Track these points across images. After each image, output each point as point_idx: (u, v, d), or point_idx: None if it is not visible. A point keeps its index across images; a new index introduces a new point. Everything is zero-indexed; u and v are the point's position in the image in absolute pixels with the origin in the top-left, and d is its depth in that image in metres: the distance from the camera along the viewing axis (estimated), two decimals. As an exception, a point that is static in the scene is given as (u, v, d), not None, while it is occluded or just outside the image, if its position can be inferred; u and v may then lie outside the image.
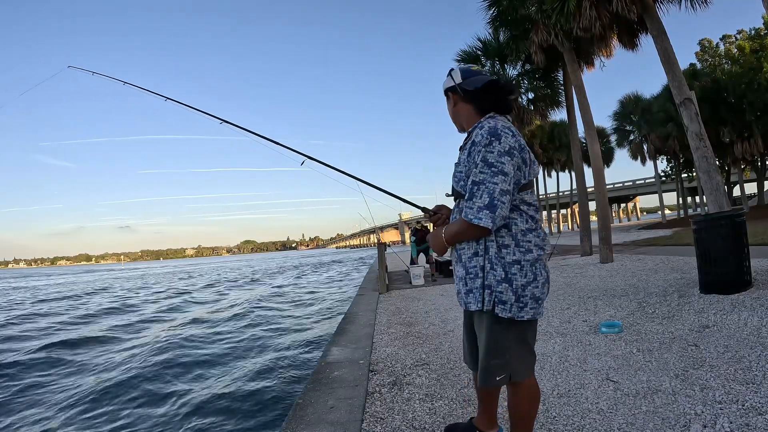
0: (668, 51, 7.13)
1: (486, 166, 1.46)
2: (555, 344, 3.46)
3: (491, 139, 1.48)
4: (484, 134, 1.50)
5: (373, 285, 9.20)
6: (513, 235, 1.53)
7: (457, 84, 1.67)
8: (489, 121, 1.58)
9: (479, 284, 1.55)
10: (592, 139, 9.95)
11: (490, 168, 1.45)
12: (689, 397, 2.21)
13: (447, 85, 1.72)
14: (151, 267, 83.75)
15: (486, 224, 1.45)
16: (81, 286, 27.27)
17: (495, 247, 1.53)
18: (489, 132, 1.50)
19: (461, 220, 1.53)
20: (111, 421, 4.15)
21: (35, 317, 12.10)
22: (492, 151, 1.46)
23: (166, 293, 17.71)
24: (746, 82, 23.70)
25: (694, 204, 44.87)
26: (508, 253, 1.52)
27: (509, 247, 1.52)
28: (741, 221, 4.59)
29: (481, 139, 1.50)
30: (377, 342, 4.14)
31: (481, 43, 13.01)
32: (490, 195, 1.44)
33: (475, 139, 1.53)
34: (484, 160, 1.47)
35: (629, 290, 5.49)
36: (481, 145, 1.49)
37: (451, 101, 1.71)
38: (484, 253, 1.54)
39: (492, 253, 1.53)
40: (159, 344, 7.13)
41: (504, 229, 1.53)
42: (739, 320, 3.52)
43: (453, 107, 1.71)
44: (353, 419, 2.34)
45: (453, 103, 1.70)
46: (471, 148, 1.54)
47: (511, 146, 1.48)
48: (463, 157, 1.59)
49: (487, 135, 1.49)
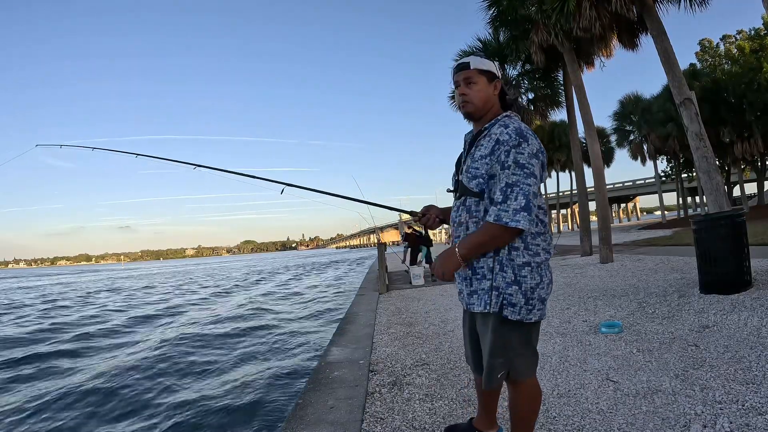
0: (668, 51, 7.12)
1: (518, 167, 1.43)
2: (555, 344, 3.46)
3: (520, 141, 1.45)
4: (511, 134, 1.46)
5: (373, 285, 9.20)
6: (522, 237, 1.51)
7: (499, 76, 1.64)
8: (513, 120, 1.55)
9: (487, 286, 1.52)
10: (592, 139, 9.95)
11: (522, 169, 1.43)
12: (689, 397, 2.21)
13: (494, 69, 1.62)
14: (162, 266, 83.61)
15: (524, 226, 1.41)
16: (127, 283, 26.73)
17: (505, 249, 1.51)
18: (516, 133, 1.46)
19: (492, 226, 1.45)
20: (110, 420, 4.16)
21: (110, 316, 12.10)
22: (522, 152, 1.44)
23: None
24: (746, 82, 23.70)
25: (694, 204, 44.85)
26: (518, 256, 1.50)
27: (519, 249, 1.51)
28: (741, 221, 4.59)
29: (509, 139, 1.46)
30: (377, 342, 4.14)
31: (481, 43, 13.00)
32: (526, 197, 1.41)
33: (500, 138, 1.48)
34: (515, 161, 1.43)
35: (629, 290, 5.49)
36: (509, 145, 1.45)
37: (493, 87, 1.62)
38: (494, 255, 1.52)
39: (502, 255, 1.51)
40: (159, 344, 7.14)
41: None
42: (739, 320, 3.52)
43: (493, 93, 1.62)
44: (353, 419, 2.34)
45: (495, 90, 1.62)
46: (495, 147, 1.48)
47: (537, 149, 1.47)
48: (481, 154, 1.53)
49: (516, 136, 1.46)
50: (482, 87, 1.60)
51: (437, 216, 1.81)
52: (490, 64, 1.62)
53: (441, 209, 1.83)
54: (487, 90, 1.60)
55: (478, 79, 1.60)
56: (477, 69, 1.59)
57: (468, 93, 1.60)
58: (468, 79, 1.60)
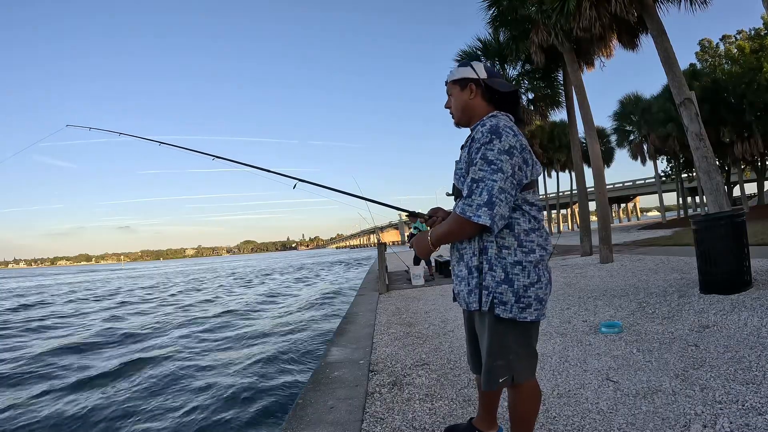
0: (668, 51, 7.12)
1: (485, 163, 1.45)
2: (555, 344, 3.46)
3: (491, 137, 1.47)
4: (484, 131, 1.49)
5: (373, 285, 9.20)
6: (515, 235, 1.51)
7: (481, 78, 1.63)
8: (491, 119, 1.57)
9: (478, 284, 1.54)
10: (592, 139, 9.95)
11: (489, 165, 1.44)
12: (689, 397, 2.21)
13: (467, 75, 1.64)
14: (161, 266, 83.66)
15: (485, 221, 1.43)
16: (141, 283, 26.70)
17: (495, 248, 1.51)
18: (490, 130, 1.49)
19: (456, 218, 1.51)
20: (108, 420, 4.16)
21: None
22: (492, 149, 1.46)
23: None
24: (746, 82, 23.68)
25: (694, 204, 44.84)
26: (509, 254, 1.51)
27: (511, 247, 1.51)
28: (741, 221, 4.59)
29: (482, 137, 1.49)
30: (377, 342, 4.14)
31: (481, 43, 13.00)
32: (489, 192, 1.43)
33: (475, 136, 1.53)
34: (483, 157, 1.46)
35: (629, 290, 5.49)
36: (481, 143, 1.48)
37: (467, 92, 1.63)
38: (483, 254, 1.53)
39: (491, 254, 1.52)
40: (160, 344, 7.14)
41: (506, 230, 1.51)
42: (739, 320, 3.52)
43: (469, 98, 1.63)
44: (353, 419, 2.34)
45: (471, 94, 1.63)
46: (470, 145, 1.53)
47: (512, 145, 1.47)
48: (464, 154, 1.58)
49: (488, 133, 1.48)
50: (456, 96, 1.68)
51: (443, 218, 1.81)
52: (462, 70, 1.67)
53: (447, 212, 1.83)
54: (461, 98, 1.67)
55: (452, 90, 1.69)
56: (451, 81, 1.69)
57: (449, 105, 1.72)
58: (448, 92, 1.72)
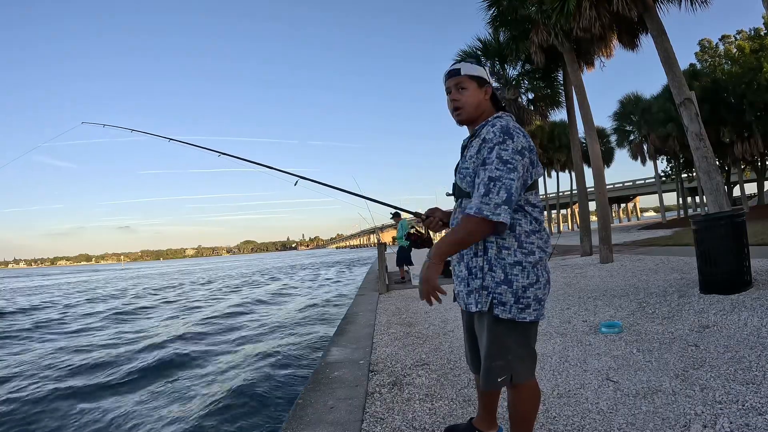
0: (668, 51, 7.13)
1: (501, 162, 1.44)
2: (555, 344, 3.46)
3: (505, 137, 1.46)
4: (497, 132, 1.49)
5: (373, 285, 9.20)
6: (516, 236, 1.51)
7: (489, 81, 1.66)
8: (501, 119, 1.58)
9: (479, 285, 1.54)
10: (592, 139, 9.95)
11: (505, 165, 1.44)
12: (689, 397, 2.21)
13: (480, 73, 1.63)
14: (163, 266, 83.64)
15: (505, 220, 1.41)
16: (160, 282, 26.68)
17: (495, 248, 1.51)
18: (502, 130, 1.49)
19: (471, 219, 1.43)
20: (107, 419, 4.15)
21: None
22: (506, 148, 1.45)
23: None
24: (746, 82, 23.70)
25: (694, 204, 44.84)
26: (509, 254, 1.50)
27: (511, 248, 1.51)
28: (741, 221, 4.59)
29: (494, 137, 1.48)
30: (377, 342, 4.14)
31: (481, 43, 13.02)
32: (508, 191, 1.42)
33: (486, 136, 1.51)
34: (498, 157, 1.44)
35: (629, 290, 5.49)
36: (494, 143, 1.47)
37: (483, 91, 1.64)
38: (483, 254, 1.53)
39: (491, 254, 1.52)
40: (160, 344, 7.14)
41: (507, 230, 1.51)
42: (739, 320, 3.51)
43: (482, 97, 1.63)
44: (353, 419, 2.34)
45: (486, 95, 1.64)
46: (481, 146, 1.51)
47: (523, 146, 1.48)
48: (470, 154, 1.56)
49: (500, 133, 1.48)
50: (473, 92, 1.62)
51: (440, 219, 1.81)
52: (480, 69, 1.65)
53: (445, 212, 1.83)
54: (477, 95, 1.63)
55: (468, 84, 1.62)
56: (467, 75, 1.62)
57: (459, 98, 1.63)
58: (459, 85, 1.63)
